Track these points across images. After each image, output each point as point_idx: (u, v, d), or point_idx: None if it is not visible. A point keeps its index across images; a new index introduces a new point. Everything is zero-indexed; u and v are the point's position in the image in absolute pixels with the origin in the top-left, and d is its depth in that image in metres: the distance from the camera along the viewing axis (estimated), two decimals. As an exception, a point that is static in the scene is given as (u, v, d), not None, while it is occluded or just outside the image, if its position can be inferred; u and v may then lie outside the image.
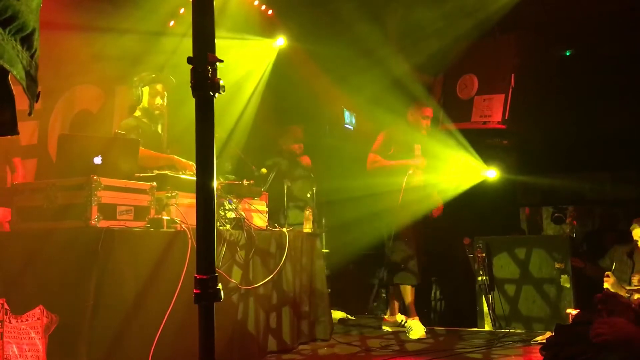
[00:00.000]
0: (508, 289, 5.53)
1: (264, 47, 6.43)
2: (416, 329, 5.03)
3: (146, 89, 4.30)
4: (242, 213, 4.00)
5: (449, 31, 6.16)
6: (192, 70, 1.20)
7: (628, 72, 6.07)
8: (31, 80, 1.15)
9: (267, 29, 6.33)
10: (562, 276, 5.29)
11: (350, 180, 5.75)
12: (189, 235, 3.23)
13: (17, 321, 2.76)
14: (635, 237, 5.09)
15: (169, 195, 3.46)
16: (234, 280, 3.67)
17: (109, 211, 3.10)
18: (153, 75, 4.33)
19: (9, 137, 1.20)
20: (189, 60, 1.20)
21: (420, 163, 5.36)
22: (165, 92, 4.35)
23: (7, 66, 1.07)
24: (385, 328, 5.37)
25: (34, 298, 2.84)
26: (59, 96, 5.24)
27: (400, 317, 5.31)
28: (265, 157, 5.88)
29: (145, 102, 4.31)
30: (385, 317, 5.50)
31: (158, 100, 4.32)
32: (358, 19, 6.09)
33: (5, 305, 2.73)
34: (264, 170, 5.19)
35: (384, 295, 6.46)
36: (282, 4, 6.21)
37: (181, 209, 3.42)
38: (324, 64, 6.45)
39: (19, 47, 1.11)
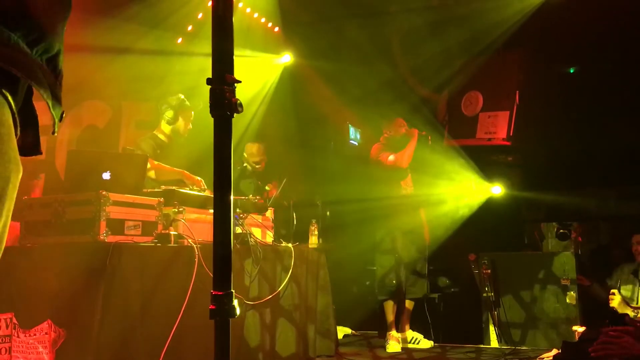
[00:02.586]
0: (514, 305, 5.51)
1: (270, 64, 6.49)
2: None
3: (186, 115, 4.43)
4: (248, 228, 4.01)
5: (453, 49, 6.21)
6: (210, 90, 1.23)
7: (632, 89, 6.09)
8: (56, 100, 1.18)
9: (273, 45, 6.39)
10: (568, 293, 5.28)
11: (355, 195, 5.76)
12: (196, 251, 3.24)
13: (25, 335, 2.77)
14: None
15: (176, 210, 3.47)
16: (240, 296, 3.67)
17: (117, 226, 3.12)
18: (201, 105, 4.45)
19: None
20: (208, 80, 1.23)
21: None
22: None
23: (34, 85, 1.11)
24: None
25: (42, 312, 2.85)
26: (66, 112, 5.24)
27: (411, 334, 5.36)
28: (269, 170, 5.90)
29: (181, 126, 4.42)
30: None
31: (189, 126, 4.47)
32: (362, 36, 6.15)
33: (14, 320, 2.74)
34: (269, 186, 5.21)
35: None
36: (288, 22, 6.27)
37: (188, 225, 3.43)
38: (329, 80, 6.50)
39: (45, 68, 1.14)
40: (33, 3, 1.09)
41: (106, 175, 3.35)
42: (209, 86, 1.22)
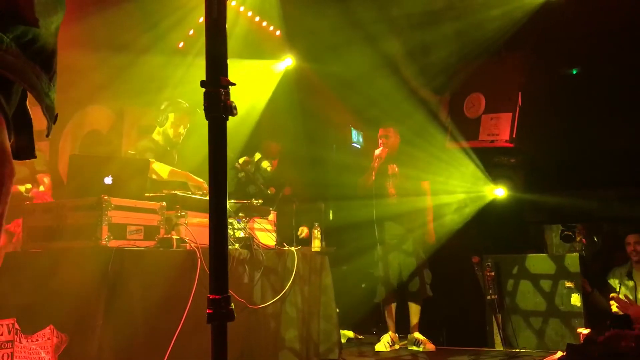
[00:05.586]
0: (518, 308, 5.49)
1: (272, 67, 6.50)
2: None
3: (172, 115, 4.38)
4: (251, 232, 4.00)
5: (456, 51, 6.21)
6: (204, 93, 1.23)
7: (634, 90, 6.06)
8: (50, 102, 1.17)
9: (275, 49, 6.39)
10: (572, 295, 5.25)
11: (358, 199, 5.75)
12: (198, 255, 3.23)
13: (27, 341, 2.76)
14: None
15: (179, 214, 3.47)
16: (242, 300, 3.67)
17: (119, 231, 3.12)
18: (186, 105, 4.41)
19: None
20: (202, 83, 1.22)
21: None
22: (187, 123, 4.45)
23: (27, 87, 1.09)
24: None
25: (44, 318, 2.85)
26: (69, 117, 5.30)
27: (414, 336, 5.39)
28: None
29: (168, 127, 4.38)
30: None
31: (181, 130, 4.41)
32: (364, 40, 6.15)
33: (16, 325, 2.74)
34: (272, 189, 5.21)
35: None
36: (290, 25, 6.27)
37: (190, 229, 3.43)
38: (331, 83, 6.50)
39: (39, 69, 1.12)
40: (26, 4, 1.07)
41: (108, 180, 3.35)
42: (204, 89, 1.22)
